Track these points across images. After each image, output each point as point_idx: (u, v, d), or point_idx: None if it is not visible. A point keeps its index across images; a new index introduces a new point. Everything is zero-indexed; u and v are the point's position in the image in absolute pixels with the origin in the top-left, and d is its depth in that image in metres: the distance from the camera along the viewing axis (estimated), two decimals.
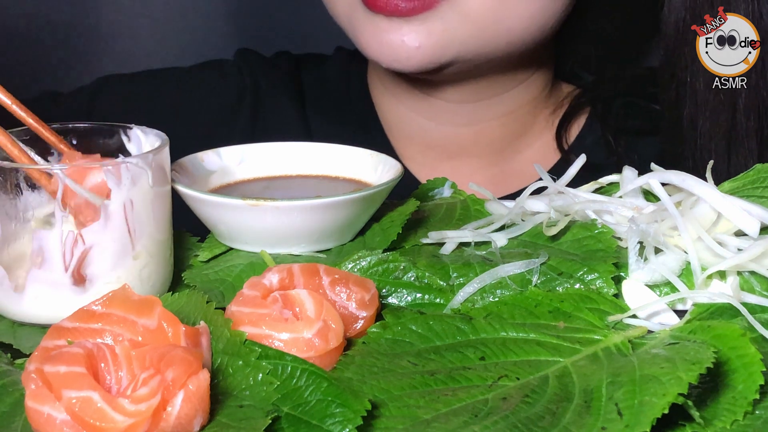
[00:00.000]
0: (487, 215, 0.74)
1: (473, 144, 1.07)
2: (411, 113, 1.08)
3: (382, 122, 1.11)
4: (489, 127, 1.07)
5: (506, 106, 1.06)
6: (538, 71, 1.07)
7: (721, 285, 0.62)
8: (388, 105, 1.10)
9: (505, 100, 1.06)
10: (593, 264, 0.63)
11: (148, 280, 0.64)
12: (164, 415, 0.48)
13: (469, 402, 0.51)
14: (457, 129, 1.07)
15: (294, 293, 0.57)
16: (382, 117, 1.11)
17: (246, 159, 0.78)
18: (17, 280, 0.62)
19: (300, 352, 0.54)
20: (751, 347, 0.52)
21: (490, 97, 1.05)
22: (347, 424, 0.49)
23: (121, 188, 0.61)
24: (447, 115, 1.06)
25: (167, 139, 0.66)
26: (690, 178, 0.66)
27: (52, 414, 0.48)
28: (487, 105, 1.05)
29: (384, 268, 0.65)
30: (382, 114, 1.11)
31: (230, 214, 0.68)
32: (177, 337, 0.52)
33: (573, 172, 0.75)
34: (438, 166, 1.08)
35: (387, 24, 0.93)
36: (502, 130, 1.07)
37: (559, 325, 0.58)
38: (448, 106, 1.05)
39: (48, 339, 0.53)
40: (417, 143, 1.09)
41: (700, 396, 0.51)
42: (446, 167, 1.07)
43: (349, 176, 0.77)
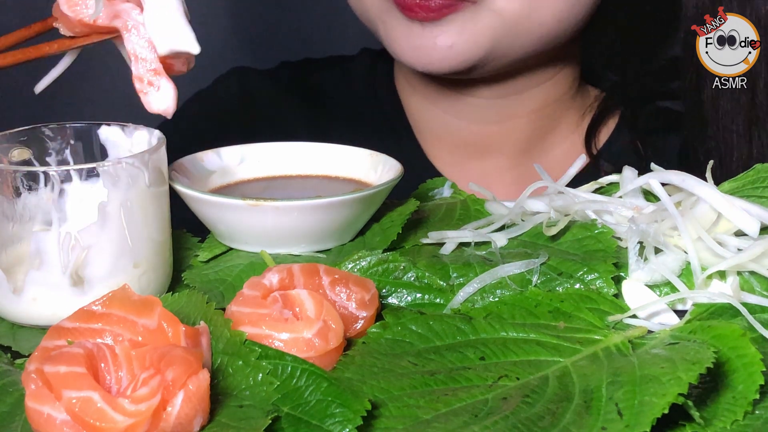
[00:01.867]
0: (487, 215, 0.74)
1: (501, 142, 1.08)
2: (440, 112, 1.08)
3: (410, 122, 1.11)
4: (518, 123, 1.07)
5: (535, 102, 1.06)
6: (566, 68, 1.07)
7: (721, 285, 0.62)
8: (417, 105, 1.10)
9: (533, 95, 1.06)
10: (593, 264, 0.63)
11: (147, 281, 0.64)
12: (164, 415, 0.48)
13: (469, 402, 0.51)
14: (486, 126, 1.07)
15: (294, 293, 0.57)
16: (410, 116, 1.11)
17: (246, 159, 0.77)
18: (16, 281, 0.62)
19: (300, 352, 0.54)
20: (751, 347, 0.52)
21: (520, 92, 1.05)
22: (347, 424, 0.48)
23: (118, 188, 0.61)
24: (476, 112, 1.06)
25: (164, 138, 0.66)
26: (690, 178, 0.66)
27: (52, 414, 0.48)
28: (517, 100, 1.06)
29: (384, 268, 0.65)
30: (410, 114, 1.11)
31: (230, 214, 0.68)
32: (177, 337, 0.52)
33: (573, 172, 0.75)
34: (466, 164, 1.08)
35: (420, 28, 0.94)
36: (530, 127, 1.07)
37: (559, 325, 0.58)
38: (478, 102, 1.06)
39: (48, 339, 0.53)
40: (445, 142, 1.09)
41: (700, 396, 0.51)
42: (474, 166, 1.08)
43: (349, 176, 0.77)
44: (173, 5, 0.63)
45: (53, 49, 0.66)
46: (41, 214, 0.64)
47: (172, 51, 0.63)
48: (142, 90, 0.64)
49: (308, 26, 1.60)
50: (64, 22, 0.66)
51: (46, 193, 0.64)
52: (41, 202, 0.64)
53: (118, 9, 0.64)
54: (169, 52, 0.63)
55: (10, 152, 0.67)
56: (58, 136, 0.69)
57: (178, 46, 0.63)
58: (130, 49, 0.64)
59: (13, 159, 0.67)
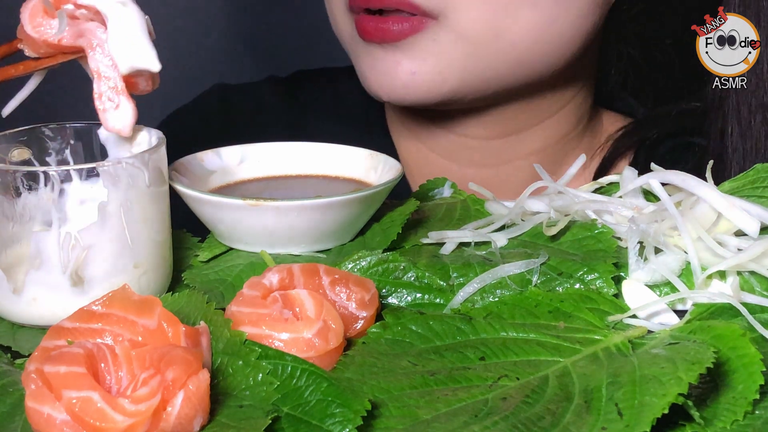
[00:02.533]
0: (487, 215, 0.74)
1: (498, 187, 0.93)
2: (430, 153, 1.01)
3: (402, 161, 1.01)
4: (517, 167, 0.98)
5: (535, 143, 0.98)
6: (572, 101, 0.98)
7: (721, 285, 0.62)
8: (407, 143, 1.03)
9: (534, 135, 0.97)
10: (593, 264, 0.63)
11: (147, 281, 0.64)
12: (164, 415, 0.48)
13: (469, 402, 0.51)
14: (481, 170, 0.99)
15: (294, 293, 0.57)
16: (401, 155, 1.04)
17: (246, 159, 0.78)
18: (16, 282, 0.62)
19: (300, 352, 0.54)
20: (751, 347, 0.52)
21: (518, 131, 0.97)
22: (347, 424, 0.49)
23: (117, 188, 0.61)
24: (470, 155, 0.99)
25: (164, 138, 0.66)
26: (690, 178, 0.66)
27: (52, 414, 0.48)
28: (514, 141, 0.97)
29: (384, 268, 0.65)
30: (401, 152, 1.04)
31: (230, 214, 0.68)
32: (177, 337, 0.52)
33: (573, 172, 0.75)
34: None
35: (382, 53, 0.89)
36: (528, 172, 0.97)
37: (559, 326, 0.58)
38: (471, 143, 0.98)
39: (48, 339, 0.53)
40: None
41: (700, 396, 0.51)
42: None
43: (349, 176, 0.77)
44: (136, 24, 0.63)
45: (19, 71, 0.67)
46: (41, 214, 0.64)
47: (133, 69, 0.64)
48: (102, 107, 0.65)
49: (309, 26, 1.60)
50: (29, 43, 0.66)
51: (46, 193, 0.64)
52: (41, 202, 0.64)
53: (83, 28, 0.64)
54: (130, 70, 0.64)
55: (10, 152, 0.67)
56: (58, 136, 0.69)
57: (138, 63, 0.64)
58: (94, 67, 0.64)
59: (13, 159, 0.67)
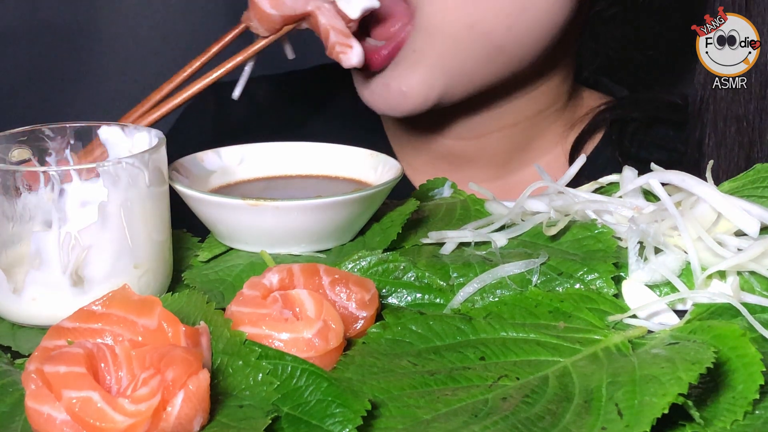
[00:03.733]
0: (487, 215, 0.74)
1: (478, 156, 1.06)
2: (415, 125, 1.06)
3: (386, 131, 1.10)
4: (493, 138, 1.05)
5: (509, 119, 1.03)
6: (549, 82, 1.03)
7: (721, 285, 0.62)
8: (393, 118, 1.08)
9: (508, 111, 1.03)
10: (593, 264, 0.63)
11: (147, 281, 0.64)
12: (164, 415, 0.48)
13: (469, 402, 0.51)
14: (461, 142, 1.05)
15: (294, 293, 0.57)
16: (386, 126, 1.10)
17: (246, 159, 0.78)
18: (16, 281, 0.62)
19: (300, 352, 0.54)
20: (751, 347, 0.52)
21: (492, 108, 1.02)
22: (347, 424, 0.48)
23: (117, 188, 0.61)
24: (450, 128, 1.04)
25: (164, 137, 0.66)
26: (690, 178, 0.66)
27: (52, 414, 0.48)
28: (490, 117, 1.03)
29: (384, 268, 0.65)
30: (386, 123, 1.10)
31: (230, 214, 0.68)
32: (177, 337, 0.52)
33: (573, 172, 0.75)
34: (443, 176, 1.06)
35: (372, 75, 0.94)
36: (506, 143, 1.05)
37: (559, 325, 0.58)
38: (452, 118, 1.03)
39: (48, 339, 0.53)
40: (423, 154, 1.08)
41: (700, 396, 0.51)
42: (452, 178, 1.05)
43: (349, 176, 0.77)
44: None
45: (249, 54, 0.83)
46: (41, 214, 0.64)
47: (364, 10, 0.82)
48: (339, 51, 0.82)
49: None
50: (264, 21, 0.79)
51: (46, 193, 0.64)
52: (41, 202, 0.64)
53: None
54: (362, 12, 0.82)
55: (10, 152, 0.67)
56: (58, 136, 0.69)
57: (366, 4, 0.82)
58: (326, 23, 0.80)
59: (13, 159, 0.67)
